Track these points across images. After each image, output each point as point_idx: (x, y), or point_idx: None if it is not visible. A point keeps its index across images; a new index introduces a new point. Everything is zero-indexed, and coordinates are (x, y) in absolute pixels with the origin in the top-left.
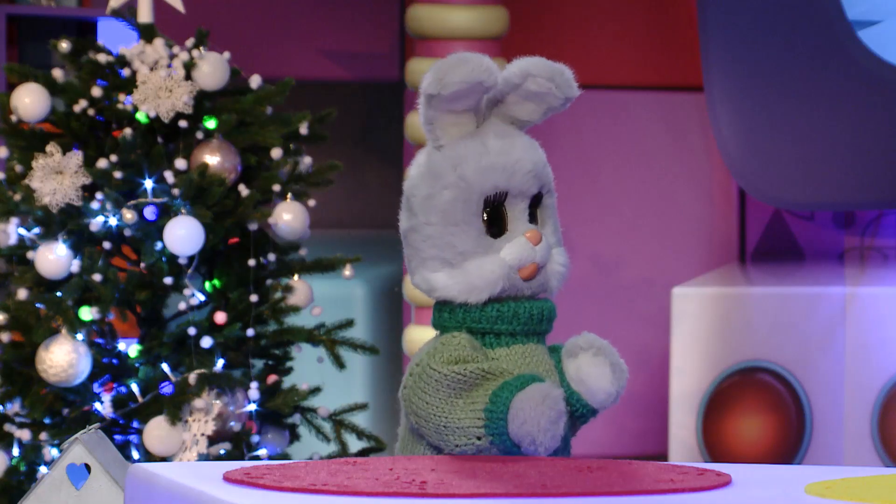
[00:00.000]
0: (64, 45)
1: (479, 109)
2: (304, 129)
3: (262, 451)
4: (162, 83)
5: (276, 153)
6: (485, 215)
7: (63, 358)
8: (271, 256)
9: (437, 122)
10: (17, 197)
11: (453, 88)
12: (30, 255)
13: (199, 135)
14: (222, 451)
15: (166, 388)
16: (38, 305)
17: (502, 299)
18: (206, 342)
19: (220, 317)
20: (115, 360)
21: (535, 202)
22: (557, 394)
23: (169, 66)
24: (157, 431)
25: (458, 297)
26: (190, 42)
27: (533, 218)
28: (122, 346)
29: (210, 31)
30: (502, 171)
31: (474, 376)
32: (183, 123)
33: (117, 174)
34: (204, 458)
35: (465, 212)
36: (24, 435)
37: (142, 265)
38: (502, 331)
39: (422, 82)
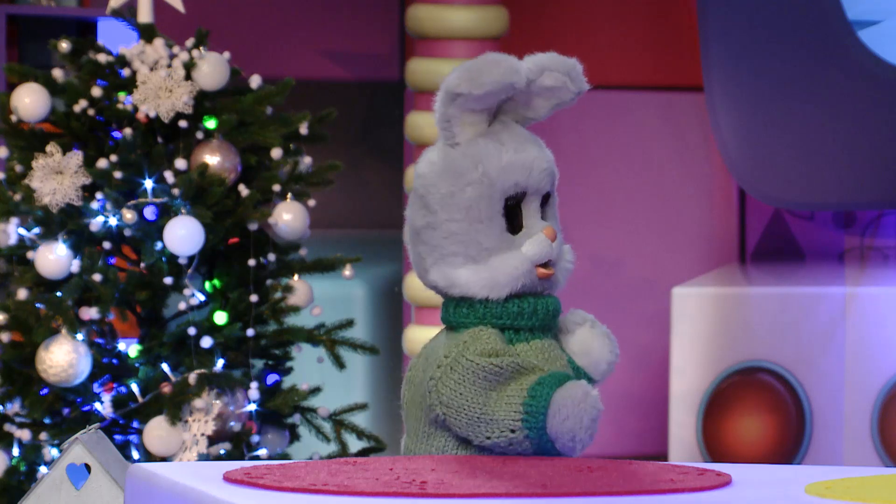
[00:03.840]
0: (64, 45)
1: (492, 108)
2: (304, 129)
3: (262, 451)
4: (162, 83)
5: (276, 153)
6: (504, 213)
7: (63, 358)
8: (271, 256)
9: (454, 121)
10: (17, 197)
11: (486, 89)
12: (30, 255)
13: (199, 135)
14: (222, 451)
15: (165, 389)
16: (38, 305)
17: (521, 295)
18: (206, 342)
19: (220, 317)
20: (115, 360)
21: (545, 200)
22: (596, 393)
23: (169, 66)
24: (157, 431)
25: (481, 293)
26: (190, 42)
27: (543, 215)
28: (122, 346)
29: (210, 31)
30: (522, 170)
31: (510, 369)
32: (183, 123)
33: (117, 174)
34: (204, 458)
35: (489, 209)
36: (24, 435)
37: (142, 265)
38: (522, 326)
39: (447, 80)
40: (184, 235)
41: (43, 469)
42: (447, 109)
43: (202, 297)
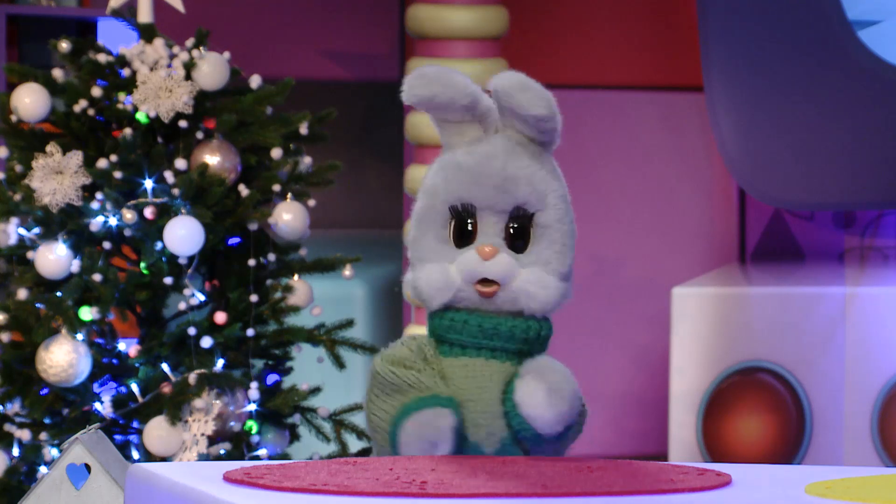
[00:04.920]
0: (64, 45)
1: (482, 119)
2: (304, 129)
3: (262, 451)
4: (162, 83)
5: (276, 153)
6: (452, 224)
7: (63, 358)
8: (271, 256)
9: (438, 128)
10: (17, 197)
11: (412, 101)
12: (30, 255)
13: (199, 135)
14: (222, 451)
15: (165, 389)
16: (38, 305)
17: (460, 309)
18: (206, 342)
19: (220, 317)
20: (115, 360)
21: (522, 219)
22: (442, 424)
23: (169, 66)
24: (157, 431)
25: (419, 301)
26: (190, 42)
27: (520, 235)
28: (122, 346)
29: (210, 31)
30: (468, 184)
31: (402, 382)
32: (183, 123)
33: (117, 174)
34: (204, 458)
35: (430, 218)
36: (24, 435)
37: (142, 265)
38: (452, 340)
39: None
40: (184, 235)
41: (43, 469)
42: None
43: (202, 297)
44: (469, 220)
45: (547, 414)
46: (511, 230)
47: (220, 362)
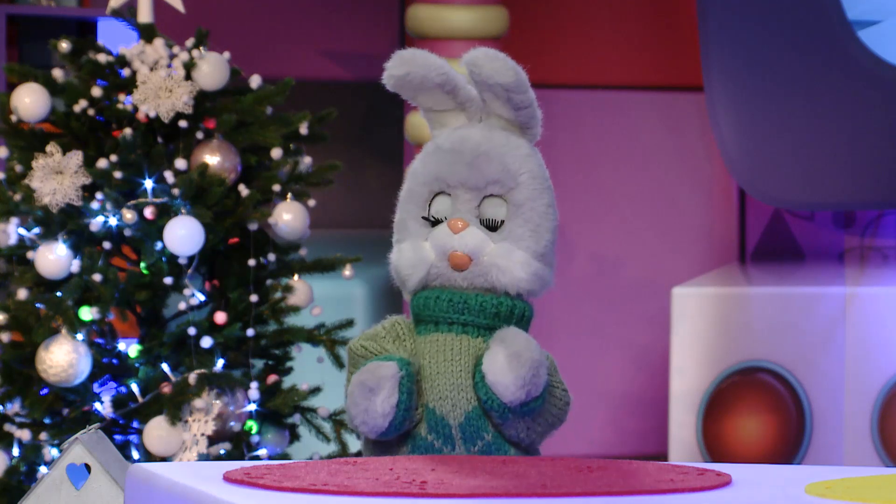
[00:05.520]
0: (64, 45)
1: (466, 107)
2: (304, 129)
3: (262, 451)
4: (162, 83)
5: (276, 153)
6: (430, 205)
7: (63, 358)
8: (271, 256)
9: (427, 120)
10: (17, 197)
11: (389, 83)
12: (30, 255)
13: (199, 135)
14: (222, 451)
15: (165, 389)
16: (38, 305)
17: (434, 287)
18: (206, 342)
19: (220, 317)
20: (115, 360)
21: (494, 197)
22: (384, 373)
23: (169, 66)
24: (157, 431)
25: (398, 284)
26: (190, 42)
27: (491, 212)
28: (122, 346)
29: (210, 31)
30: (442, 163)
31: (369, 354)
32: (183, 123)
33: (117, 174)
34: (204, 458)
35: (410, 201)
36: (24, 435)
37: (142, 265)
38: (426, 318)
39: None
40: (184, 235)
41: (43, 469)
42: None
43: (202, 297)
44: (443, 200)
45: (506, 378)
46: (487, 206)
47: (220, 362)
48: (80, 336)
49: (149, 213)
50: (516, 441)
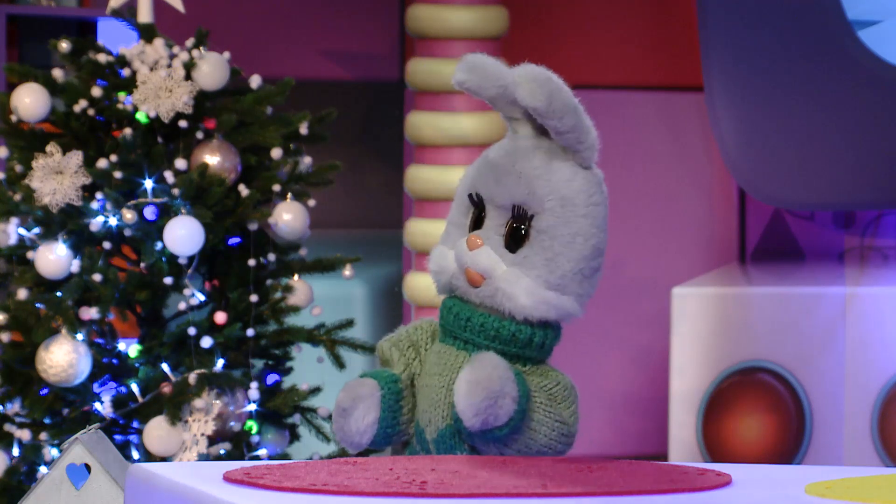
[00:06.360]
0: (64, 45)
1: (508, 113)
2: (304, 129)
3: (262, 451)
4: (162, 83)
5: (276, 153)
6: (471, 214)
7: (63, 358)
8: (271, 256)
9: (505, 122)
10: (17, 197)
11: (454, 83)
12: (30, 255)
13: (199, 135)
14: (222, 451)
15: (165, 389)
16: (38, 305)
17: (455, 297)
18: (206, 342)
19: (220, 317)
20: (115, 360)
21: (521, 219)
22: (358, 392)
23: (169, 66)
24: (157, 431)
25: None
26: (190, 42)
27: (516, 234)
28: (122, 346)
29: (210, 31)
30: (477, 175)
31: (384, 358)
32: (183, 123)
33: (117, 174)
34: (204, 458)
35: (455, 205)
36: (24, 435)
37: (142, 265)
38: (443, 326)
39: None
40: (184, 235)
41: (43, 469)
42: None
43: (202, 297)
44: (482, 211)
45: (461, 404)
46: (510, 228)
47: (220, 362)
48: (80, 336)
49: (149, 213)
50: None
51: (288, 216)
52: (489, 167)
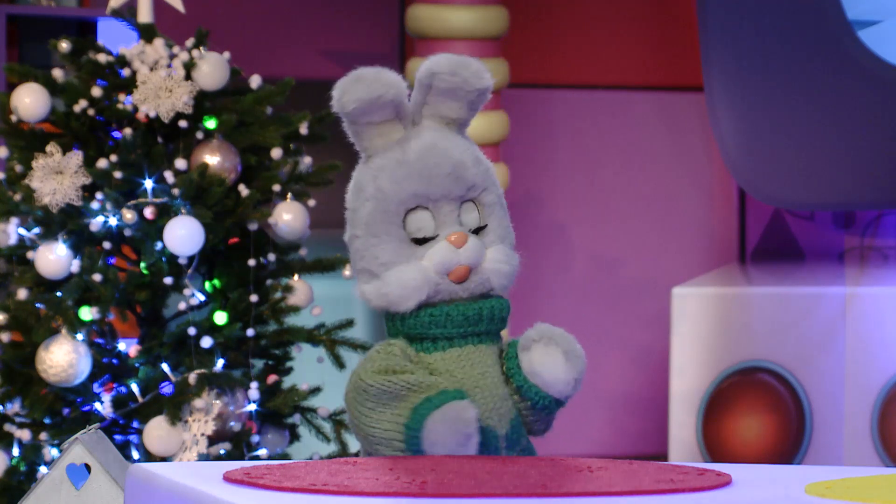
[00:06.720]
0: (64, 45)
1: (402, 115)
2: (304, 129)
3: (262, 451)
4: (162, 83)
5: (276, 153)
6: (404, 223)
7: (63, 358)
8: (271, 256)
9: (359, 136)
10: (17, 197)
11: (352, 107)
12: (30, 255)
13: (199, 135)
14: (222, 451)
15: (166, 388)
16: (38, 305)
17: (436, 304)
18: (206, 342)
19: (220, 317)
20: (115, 360)
21: (472, 202)
22: (469, 415)
23: (169, 66)
24: (157, 431)
25: (389, 307)
26: (190, 42)
27: (474, 217)
28: (122, 346)
29: (210, 31)
30: (419, 178)
31: (400, 387)
32: (183, 123)
33: (117, 174)
34: (204, 458)
35: (384, 222)
36: (24, 435)
37: (142, 265)
38: (437, 335)
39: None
40: (184, 235)
41: (43, 469)
42: (347, 127)
43: (202, 297)
44: (424, 216)
45: (568, 375)
46: (463, 215)
47: (220, 362)
48: (80, 336)
49: (149, 213)
50: (540, 434)
51: (288, 216)
52: (423, 168)
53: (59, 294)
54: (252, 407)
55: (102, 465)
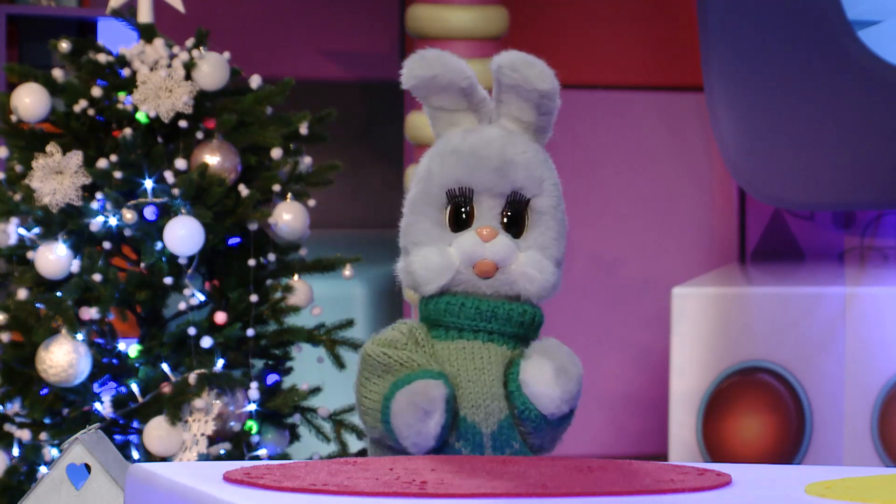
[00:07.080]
0: (64, 45)
1: (476, 108)
2: (304, 129)
3: (262, 451)
4: (162, 83)
5: (276, 153)
6: (449, 209)
7: (63, 358)
8: (271, 256)
9: (433, 120)
10: (17, 197)
11: (411, 83)
12: (30, 255)
13: (199, 135)
14: (222, 451)
15: (165, 389)
16: (38, 305)
17: (457, 293)
18: (206, 342)
19: (220, 317)
20: (115, 360)
21: (519, 204)
22: (435, 394)
23: (169, 66)
24: (157, 431)
25: (413, 287)
26: (190, 42)
27: (516, 219)
28: (122, 346)
29: (210, 31)
30: (465, 167)
31: (393, 362)
32: (183, 123)
33: (117, 174)
34: (204, 458)
35: (425, 203)
36: (24, 435)
37: (142, 265)
38: (448, 324)
39: None
40: (184, 235)
41: (43, 469)
42: (424, 111)
43: (202, 297)
44: (466, 204)
45: (554, 392)
46: (507, 214)
47: (220, 362)
48: (80, 336)
49: (149, 213)
50: (538, 449)
51: (288, 216)
52: (472, 158)
53: (59, 294)
54: (252, 407)
55: (102, 465)
